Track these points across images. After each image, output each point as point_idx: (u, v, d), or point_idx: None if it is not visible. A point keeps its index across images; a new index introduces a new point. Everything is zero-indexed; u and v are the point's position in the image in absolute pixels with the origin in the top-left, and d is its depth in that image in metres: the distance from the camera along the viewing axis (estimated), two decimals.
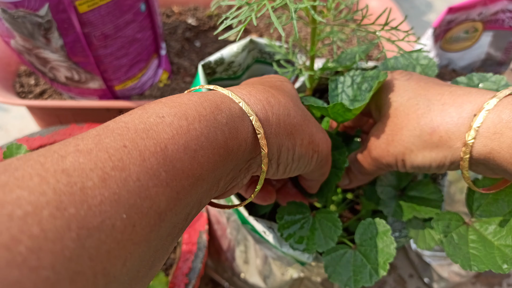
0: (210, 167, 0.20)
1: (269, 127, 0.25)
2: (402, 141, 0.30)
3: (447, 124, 0.27)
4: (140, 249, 0.17)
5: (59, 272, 0.13)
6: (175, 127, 0.19)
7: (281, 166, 0.27)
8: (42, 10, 0.51)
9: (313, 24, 0.35)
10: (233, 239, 0.50)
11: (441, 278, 0.69)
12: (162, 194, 0.17)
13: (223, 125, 0.21)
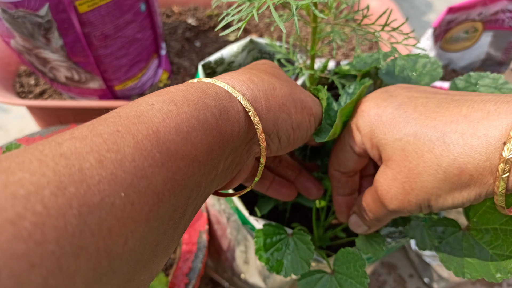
0: (205, 148, 0.21)
1: (259, 103, 0.25)
2: (425, 187, 0.25)
3: (475, 160, 0.22)
4: (141, 228, 0.17)
5: (64, 246, 0.14)
6: (165, 111, 0.20)
7: (282, 139, 0.28)
8: (42, 10, 0.51)
9: (314, 23, 0.35)
10: (233, 239, 0.50)
11: (441, 278, 0.69)
12: (158, 174, 0.18)
13: (212, 107, 0.22)
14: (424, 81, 0.44)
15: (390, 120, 0.27)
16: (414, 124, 0.25)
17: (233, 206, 0.40)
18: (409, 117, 0.25)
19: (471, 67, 0.81)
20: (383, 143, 0.27)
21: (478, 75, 0.38)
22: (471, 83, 0.38)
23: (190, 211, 0.22)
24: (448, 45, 0.75)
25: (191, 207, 0.21)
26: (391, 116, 0.27)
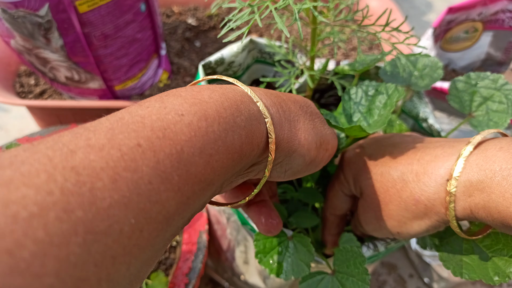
0: (222, 172, 0.20)
1: (281, 132, 0.24)
2: (392, 215, 0.30)
3: (426, 193, 0.27)
4: (145, 254, 0.16)
5: (64, 279, 0.13)
6: (194, 128, 0.18)
7: (288, 172, 0.26)
8: (42, 10, 0.51)
9: (314, 25, 0.35)
10: (233, 239, 0.50)
11: (441, 278, 0.69)
12: (173, 198, 0.17)
13: (241, 129, 0.21)
14: (424, 82, 0.44)
15: (365, 166, 0.32)
16: (381, 166, 0.31)
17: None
18: (378, 162, 0.31)
19: (471, 67, 0.81)
20: (360, 182, 0.33)
21: (477, 75, 0.38)
22: (470, 83, 0.38)
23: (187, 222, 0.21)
24: (448, 45, 0.75)
25: (190, 219, 0.21)
26: (365, 164, 0.32)
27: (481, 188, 0.24)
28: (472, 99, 0.38)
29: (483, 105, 0.38)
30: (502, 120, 0.36)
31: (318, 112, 0.29)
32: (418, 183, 0.28)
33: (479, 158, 0.25)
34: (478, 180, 0.24)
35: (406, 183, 0.28)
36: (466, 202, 0.25)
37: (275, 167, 0.26)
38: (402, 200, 0.29)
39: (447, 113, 0.64)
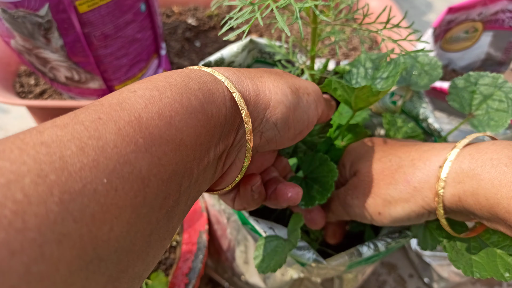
0: (191, 132, 0.21)
1: (245, 87, 0.25)
2: (380, 193, 0.32)
3: (418, 176, 0.30)
4: (127, 215, 0.17)
5: (45, 234, 0.14)
6: (147, 97, 0.20)
7: (279, 124, 0.26)
8: (42, 10, 0.51)
9: (314, 24, 0.35)
10: (233, 239, 0.50)
11: (441, 278, 0.69)
12: (142, 159, 0.18)
13: (196, 91, 0.22)
14: (423, 81, 0.44)
15: (365, 152, 0.35)
16: (381, 152, 0.33)
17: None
18: (378, 148, 0.34)
19: (471, 67, 0.81)
20: (357, 164, 0.35)
21: (477, 75, 0.38)
22: (470, 83, 0.38)
23: (184, 201, 0.22)
24: (448, 45, 0.75)
25: (184, 196, 0.21)
26: (366, 151, 0.35)
27: (471, 175, 0.26)
28: (472, 99, 0.38)
29: (483, 105, 0.38)
30: (502, 119, 0.36)
31: (286, 72, 0.30)
32: (412, 167, 0.30)
33: (472, 149, 0.27)
34: (469, 168, 0.26)
35: (401, 166, 0.31)
36: (456, 189, 0.27)
37: (261, 126, 0.26)
38: (394, 179, 0.31)
39: (447, 113, 0.64)
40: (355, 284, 0.51)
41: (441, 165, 0.28)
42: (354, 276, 0.49)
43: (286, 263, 0.41)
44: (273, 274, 0.47)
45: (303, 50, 0.74)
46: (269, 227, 0.37)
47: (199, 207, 0.56)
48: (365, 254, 0.36)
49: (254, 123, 0.26)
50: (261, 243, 0.34)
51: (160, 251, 0.21)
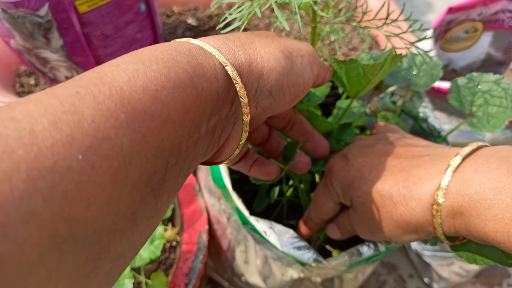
0: (179, 107, 0.20)
1: (237, 57, 0.24)
2: (384, 231, 0.33)
3: (415, 217, 0.30)
4: (106, 193, 0.16)
5: (9, 213, 0.13)
6: (131, 71, 0.19)
7: (274, 91, 0.26)
8: (42, 10, 0.51)
9: (313, 23, 0.35)
10: (233, 239, 0.50)
11: (441, 278, 0.69)
12: (123, 135, 0.17)
13: (184, 64, 0.21)
14: (423, 81, 0.44)
15: (353, 182, 0.34)
16: (369, 185, 0.32)
17: (234, 206, 0.40)
18: (366, 179, 0.33)
19: (471, 67, 0.81)
20: (351, 197, 0.34)
21: (479, 76, 0.38)
22: (472, 84, 0.39)
23: (173, 178, 0.21)
24: (448, 45, 0.75)
25: (172, 172, 0.20)
26: (353, 179, 0.34)
27: (460, 212, 0.27)
28: (473, 99, 0.38)
29: (483, 106, 0.38)
30: (501, 120, 0.36)
31: (276, 34, 0.29)
32: (407, 207, 0.30)
33: (458, 183, 0.27)
34: (458, 205, 0.27)
35: (395, 206, 0.31)
36: (451, 223, 0.28)
37: (256, 96, 0.25)
38: (393, 221, 0.31)
39: (447, 113, 0.64)
40: (355, 284, 0.51)
41: (432, 203, 0.29)
42: (354, 276, 0.49)
43: (286, 262, 0.41)
44: (273, 274, 0.47)
45: None
46: (269, 226, 0.37)
47: (199, 207, 0.56)
48: (365, 254, 0.36)
49: (248, 94, 0.25)
50: None
51: (148, 229, 0.20)
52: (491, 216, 0.25)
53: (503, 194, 0.25)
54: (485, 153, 0.28)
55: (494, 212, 0.25)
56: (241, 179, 0.53)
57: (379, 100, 0.51)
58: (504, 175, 0.25)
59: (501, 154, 0.27)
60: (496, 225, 0.25)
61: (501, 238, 0.25)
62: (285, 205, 0.48)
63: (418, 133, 0.48)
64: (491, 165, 0.26)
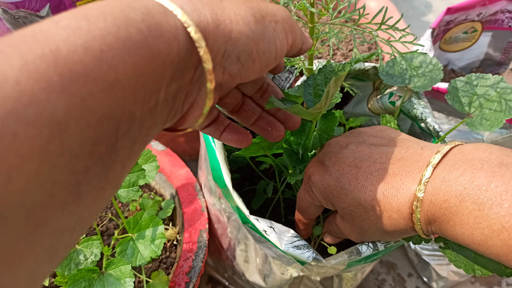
0: (130, 70, 0.18)
1: (203, 17, 0.22)
2: (373, 237, 0.35)
3: (399, 225, 0.32)
4: (35, 164, 0.14)
5: None
6: (72, 28, 0.16)
7: (242, 56, 0.24)
8: (43, 10, 0.51)
9: (311, 23, 0.35)
10: (234, 238, 0.50)
11: (440, 277, 0.69)
12: (57, 100, 0.15)
13: (138, 22, 0.19)
14: (423, 82, 0.44)
15: (334, 192, 0.34)
16: (351, 197, 0.33)
17: (234, 205, 0.40)
18: (346, 190, 0.33)
19: (470, 68, 0.81)
20: (336, 207, 0.35)
21: (478, 76, 0.38)
22: (471, 84, 0.39)
23: (128, 146, 0.19)
24: (447, 46, 0.75)
25: (125, 141, 0.18)
26: (334, 188, 0.34)
27: (434, 219, 0.29)
28: (471, 99, 0.38)
29: (481, 106, 0.38)
30: (497, 120, 0.36)
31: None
32: (389, 219, 0.32)
33: (430, 193, 0.29)
34: (431, 213, 0.29)
35: (379, 217, 0.32)
36: (429, 228, 0.31)
37: (222, 61, 0.23)
38: (380, 228, 0.33)
39: (445, 113, 0.64)
40: (354, 283, 0.51)
41: (411, 213, 0.31)
42: (353, 275, 0.49)
43: (286, 261, 0.42)
44: (273, 272, 0.47)
45: None
46: (269, 225, 0.37)
47: (200, 207, 0.57)
48: (364, 253, 0.36)
49: (214, 59, 0.23)
50: None
51: (99, 202, 0.18)
52: (457, 221, 0.28)
53: (467, 201, 0.27)
54: (453, 157, 0.30)
55: (460, 217, 0.27)
56: (242, 179, 0.53)
57: (378, 100, 0.51)
58: (468, 181, 0.27)
59: (467, 156, 0.29)
60: (463, 229, 0.27)
61: (468, 241, 0.27)
62: (281, 201, 0.49)
63: (417, 134, 0.48)
64: (457, 172, 0.28)
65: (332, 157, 0.36)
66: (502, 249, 0.25)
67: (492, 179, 0.26)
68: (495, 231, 0.25)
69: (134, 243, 0.42)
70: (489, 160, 0.28)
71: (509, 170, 0.27)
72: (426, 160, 0.31)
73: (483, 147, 0.29)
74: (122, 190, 0.41)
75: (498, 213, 0.25)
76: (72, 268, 0.40)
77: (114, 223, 0.57)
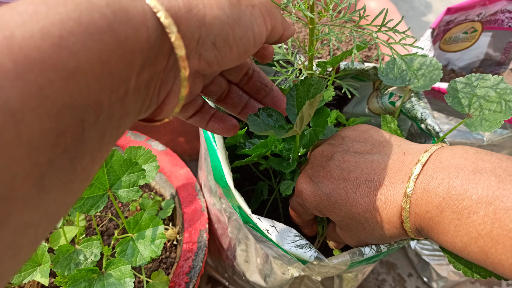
0: (94, 57, 0.17)
1: (174, 2, 0.21)
2: (366, 242, 0.37)
3: (393, 234, 0.33)
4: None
5: None
6: (30, 13, 0.16)
7: (218, 42, 0.23)
8: None
9: (311, 25, 0.35)
10: (234, 238, 0.50)
11: (441, 277, 0.69)
12: (10, 88, 0.14)
13: (103, 7, 0.18)
14: (423, 82, 0.44)
15: (328, 207, 0.35)
16: (345, 211, 0.34)
17: (236, 205, 0.40)
18: (339, 205, 0.34)
19: (470, 68, 0.82)
20: (332, 219, 0.37)
21: (478, 77, 0.38)
22: (471, 85, 0.39)
23: (97, 137, 0.18)
24: (447, 46, 0.75)
25: (93, 132, 0.18)
26: (327, 204, 0.35)
27: (421, 228, 0.31)
28: (471, 100, 0.38)
29: (481, 106, 0.38)
30: (496, 120, 0.36)
31: None
32: (382, 230, 0.33)
33: (414, 205, 0.31)
34: (418, 223, 0.31)
35: (373, 228, 0.34)
36: (420, 233, 0.32)
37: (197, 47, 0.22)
38: (376, 238, 0.35)
39: (446, 113, 0.64)
40: (355, 283, 0.51)
41: (402, 222, 0.32)
42: (354, 276, 0.49)
43: (287, 261, 0.42)
44: (274, 272, 0.47)
45: (301, 50, 0.74)
46: (271, 225, 0.37)
47: (200, 206, 0.57)
48: (367, 254, 0.37)
49: (189, 46, 0.22)
50: None
51: (67, 195, 0.18)
52: (440, 230, 0.29)
53: (446, 211, 0.28)
54: (432, 165, 0.31)
55: (442, 226, 0.29)
56: (242, 179, 0.53)
57: (377, 100, 0.51)
58: (445, 191, 0.29)
59: (444, 164, 0.30)
60: (445, 237, 0.29)
61: (451, 247, 0.29)
62: (279, 202, 0.49)
63: (417, 134, 0.49)
64: (435, 181, 0.30)
65: (320, 171, 0.36)
66: (480, 255, 0.27)
67: (468, 187, 0.28)
68: (473, 238, 0.27)
69: (134, 243, 0.42)
70: (464, 167, 0.29)
71: (483, 176, 0.28)
72: (408, 169, 0.32)
73: (459, 151, 0.31)
74: (122, 190, 0.41)
75: (475, 221, 0.27)
76: (72, 268, 0.41)
77: (114, 223, 0.57)
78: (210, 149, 0.41)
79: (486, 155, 0.30)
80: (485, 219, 0.26)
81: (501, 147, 0.59)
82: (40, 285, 0.49)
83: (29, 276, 0.40)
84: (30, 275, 0.40)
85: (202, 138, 0.49)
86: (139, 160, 0.47)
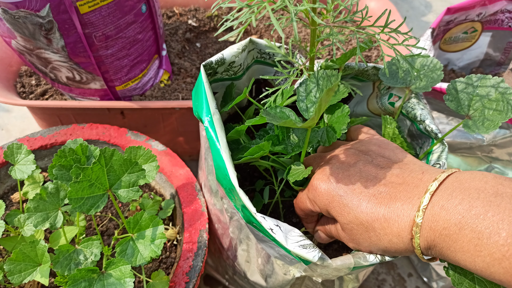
0: None
1: None
2: (366, 249, 0.37)
3: (399, 248, 0.34)
4: None
5: None
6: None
7: None
8: (43, 10, 0.51)
9: (313, 25, 0.35)
10: (235, 238, 0.50)
11: (440, 277, 0.69)
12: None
13: None
14: (423, 83, 0.44)
15: (337, 208, 0.36)
16: (354, 215, 0.35)
17: (240, 204, 0.40)
18: (350, 208, 0.35)
19: (470, 68, 0.82)
20: (338, 220, 0.37)
21: (478, 77, 0.38)
22: (471, 85, 0.39)
23: None
24: (447, 46, 0.75)
25: None
26: (337, 204, 0.36)
27: (434, 245, 0.31)
28: (470, 101, 0.38)
29: (483, 105, 0.38)
30: (494, 122, 0.36)
31: None
32: (390, 242, 0.34)
33: (429, 220, 0.31)
34: (431, 239, 0.31)
35: (379, 238, 0.34)
36: (429, 252, 0.32)
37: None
38: (379, 249, 0.35)
39: (446, 113, 0.64)
40: (356, 284, 0.51)
41: (411, 238, 0.32)
42: (355, 277, 0.49)
43: (289, 261, 0.42)
44: (275, 272, 0.47)
45: (302, 51, 0.74)
46: (276, 224, 0.37)
47: (200, 206, 0.57)
48: (371, 262, 0.37)
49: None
50: None
51: None
52: (458, 248, 0.29)
53: (466, 229, 0.29)
54: (451, 185, 0.31)
55: (461, 245, 0.29)
56: (242, 179, 0.53)
57: (377, 101, 0.51)
58: (466, 209, 0.29)
59: (464, 185, 0.31)
60: (464, 256, 0.29)
61: (470, 266, 0.29)
62: (280, 203, 0.49)
63: (417, 135, 0.49)
64: (455, 200, 0.30)
65: (339, 173, 0.37)
66: (505, 276, 0.27)
67: (489, 208, 0.28)
68: (497, 259, 0.27)
69: (134, 243, 0.42)
70: (485, 190, 0.29)
71: (504, 200, 0.28)
72: (425, 186, 0.33)
73: (479, 176, 0.31)
74: (122, 190, 0.41)
75: (497, 242, 0.27)
76: (72, 268, 0.40)
77: (114, 223, 0.57)
78: (213, 148, 0.41)
79: (506, 180, 0.30)
80: (509, 240, 0.27)
81: (501, 147, 0.59)
82: (40, 285, 0.49)
83: (29, 276, 0.40)
84: (30, 275, 0.40)
85: (203, 138, 0.49)
86: (139, 160, 0.47)
